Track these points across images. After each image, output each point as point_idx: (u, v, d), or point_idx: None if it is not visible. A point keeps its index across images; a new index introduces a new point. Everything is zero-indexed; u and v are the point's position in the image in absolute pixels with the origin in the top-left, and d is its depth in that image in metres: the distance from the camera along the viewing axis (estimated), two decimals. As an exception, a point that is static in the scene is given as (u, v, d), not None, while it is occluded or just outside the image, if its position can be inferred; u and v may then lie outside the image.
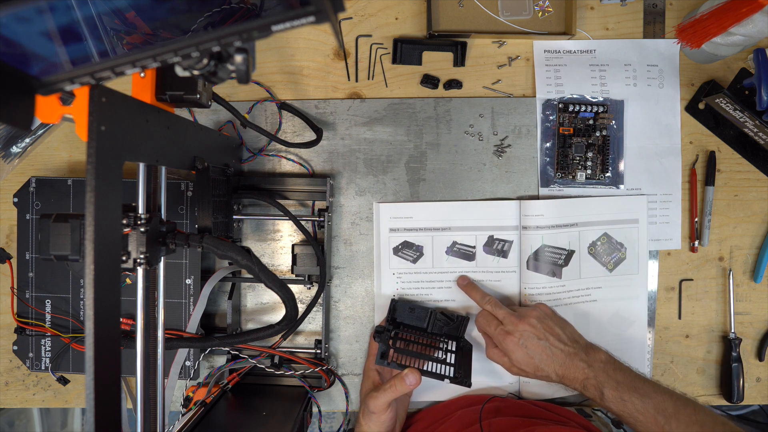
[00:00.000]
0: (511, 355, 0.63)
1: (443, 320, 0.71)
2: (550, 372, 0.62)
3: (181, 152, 0.51)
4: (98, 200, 0.34)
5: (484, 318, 0.67)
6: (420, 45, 0.73)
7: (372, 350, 0.71)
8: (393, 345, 0.65)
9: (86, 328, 0.34)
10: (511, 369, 0.64)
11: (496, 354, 0.65)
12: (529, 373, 0.63)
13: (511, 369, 0.64)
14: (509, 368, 0.64)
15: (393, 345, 0.65)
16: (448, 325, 0.71)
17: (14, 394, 0.75)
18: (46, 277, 0.70)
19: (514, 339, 0.63)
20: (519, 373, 0.64)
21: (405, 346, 0.66)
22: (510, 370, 0.64)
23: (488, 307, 0.67)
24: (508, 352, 0.63)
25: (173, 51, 0.29)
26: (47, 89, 0.29)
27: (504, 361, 0.64)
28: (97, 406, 0.34)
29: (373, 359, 0.66)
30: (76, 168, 0.75)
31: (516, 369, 0.63)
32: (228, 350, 0.71)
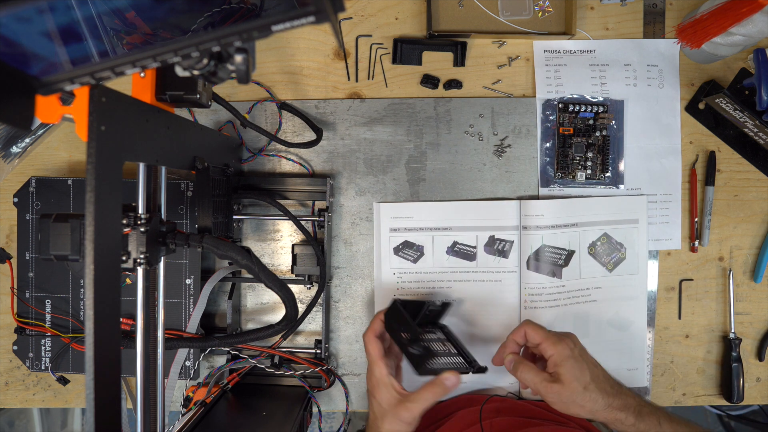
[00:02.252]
0: (565, 365, 0.55)
1: (435, 310, 0.67)
2: (599, 394, 0.55)
3: (181, 152, 0.51)
4: (98, 200, 0.34)
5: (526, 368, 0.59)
6: (420, 45, 0.73)
7: (370, 358, 0.62)
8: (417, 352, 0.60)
9: (86, 328, 0.34)
10: (561, 392, 0.55)
11: (545, 385, 0.56)
12: (577, 392, 0.55)
13: (560, 393, 0.55)
14: (558, 392, 0.56)
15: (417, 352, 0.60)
16: (435, 314, 0.67)
17: (14, 394, 0.75)
18: (46, 277, 0.70)
19: (569, 343, 0.57)
20: (568, 397, 0.55)
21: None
22: (559, 394, 0.56)
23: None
24: (563, 360, 0.56)
25: (173, 51, 0.29)
26: (47, 89, 0.29)
27: (553, 389, 0.56)
28: (97, 406, 0.34)
29: (374, 367, 0.59)
30: (76, 168, 0.75)
31: (567, 392, 0.55)
32: (228, 350, 0.71)
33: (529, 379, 0.57)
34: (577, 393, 0.55)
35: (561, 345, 0.56)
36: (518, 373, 0.58)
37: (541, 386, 0.56)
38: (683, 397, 0.76)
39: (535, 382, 0.56)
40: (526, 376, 0.57)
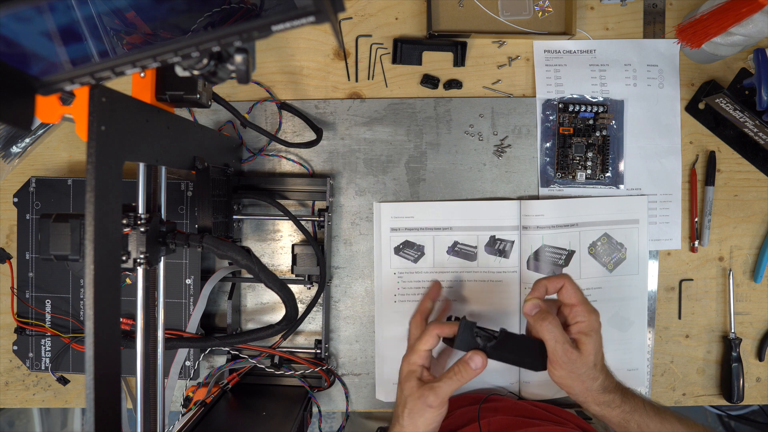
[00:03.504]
0: (591, 337, 0.54)
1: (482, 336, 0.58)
2: (602, 374, 0.55)
3: (181, 152, 0.51)
4: (98, 200, 0.34)
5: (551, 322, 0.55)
6: (420, 45, 0.73)
7: (413, 343, 0.60)
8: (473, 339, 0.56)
9: (86, 328, 0.34)
10: (579, 362, 0.54)
11: (566, 348, 0.54)
12: (588, 366, 0.54)
13: (582, 362, 0.54)
14: (574, 361, 0.54)
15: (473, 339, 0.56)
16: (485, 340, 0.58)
17: (14, 394, 0.75)
18: (46, 277, 0.70)
19: (598, 317, 0.56)
20: (580, 367, 0.54)
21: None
22: (577, 363, 0.54)
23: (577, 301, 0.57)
24: (591, 331, 0.55)
25: (173, 51, 0.29)
26: (47, 89, 0.29)
27: (571, 355, 0.54)
28: (97, 406, 0.34)
29: (413, 355, 0.58)
30: (76, 168, 0.75)
31: (585, 362, 0.54)
32: (228, 350, 0.71)
33: (552, 335, 0.53)
34: (588, 367, 0.54)
35: (594, 316, 0.55)
36: (542, 323, 0.54)
37: (560, 347, 0.53)
38: (683, 397, 0.76)
39: (556, 339, 0.53)
40: (550, 329, 0.53)
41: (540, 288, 0.57)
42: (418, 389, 0.55)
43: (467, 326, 0.56)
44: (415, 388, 0.55)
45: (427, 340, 0.58)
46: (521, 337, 0.55)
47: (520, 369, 0.72)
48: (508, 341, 0.55)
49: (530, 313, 0.55)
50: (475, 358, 0.54)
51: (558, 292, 0.57)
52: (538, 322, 0.54)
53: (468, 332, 0.56)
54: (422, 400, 0.54)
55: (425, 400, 0.54)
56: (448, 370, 0.55)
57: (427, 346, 0.58)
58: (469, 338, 0.56)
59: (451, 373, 0.54)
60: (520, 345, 0.55)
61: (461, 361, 0.54)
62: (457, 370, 0.54)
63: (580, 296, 0.56)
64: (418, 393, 0.55)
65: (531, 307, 0.56)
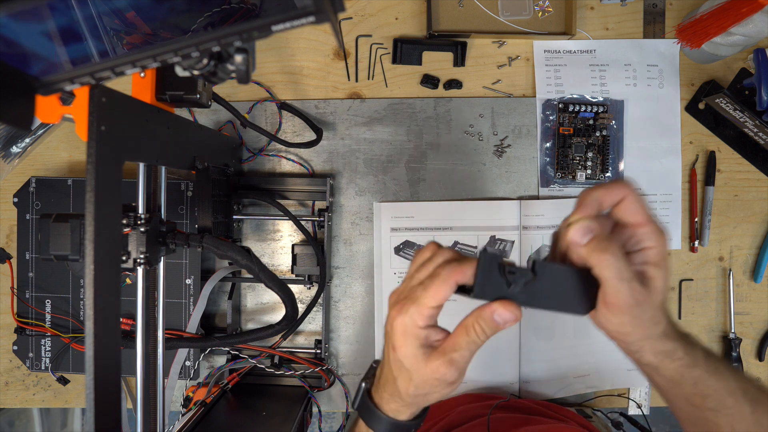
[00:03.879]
0: (660, 267, 0.38)
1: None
2: (665, 317, 0.40)
3: (181, 152, 0.51)
4: (98, 200, 0.34)
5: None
6: (420, 45, 0.73)
7: (416, 292, 0.40)
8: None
9: (86, 328, 0.34)
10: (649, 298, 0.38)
11: (631, 285, 0.37)
12: (655, 307, 0.39)
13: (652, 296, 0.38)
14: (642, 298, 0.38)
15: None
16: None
17: (14, 394, 0.75)
18: (46, 277, 0.70)
19: (667, 241, 0.40)
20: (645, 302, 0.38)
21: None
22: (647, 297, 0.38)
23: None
24: (662, 260, 0.39)
25: (173, 51, 0.29)
26: (47, 89, 0.29)
27: (638, 293, 0.37)
28: (97, 406, 0.34)
29: (415, 310, 0.39)
30: (76, 168, 0.75)
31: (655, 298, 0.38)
32: (228, 350, 0.71)
33: (616, 271, 0.36)
34: (655, 309, 0.38)
35: (664, 239, 0.39)
36: (601, 256, 0.36)
37: (626, 286, 0.36)
38: (683, 397, 0.76)
39: (621, 276, 0.36)
40: (613, 263, 0.36)
41: (591, 203, 0.39)
42: (426, 361, 0.39)
43: (490, 262, 0.37)
44: (421, 360, 0.39)
45: (438, 291, 0.38)
46: (559, 269, 0.38)
47: (520, 368, 0.73)
48: (544, 278, 0.38)
49: (580, 241, 0.37)
50: (501, 311, 0.37)
51: (614, 208, 0.39)
52: (595, 254, 0.36)
53: (492, 272, 0.38)
54: (439, 378, 0.39)
55: (443, 377, 0.39)
56: (462, 327, 0.39)
57: (438, 300, 0.38)
58: (494, 281, 0.38)
59: (470, 332, 0.39)
60: (558, 281, 0.39)
61: (481, 315, 0.38)
62: (478, 329, 0.38)
63: (647, 213, 0.39)
64: (429, 368, 0.39)
65: (582, 232, 0.37)
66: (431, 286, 0.38)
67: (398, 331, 0.40)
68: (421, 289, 0.39)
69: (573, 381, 0.73)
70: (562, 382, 0.73)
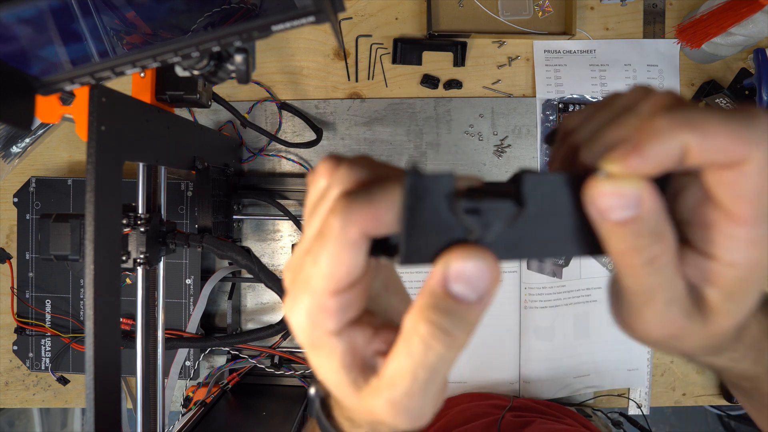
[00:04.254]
0: (734, 305, 0.21)
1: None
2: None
3: (181, 152, 0.51)
4: (98, 200, 0.34)
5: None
6: (420, 45, 0.73)
7: (305, 271, 0.20)
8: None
9: (86, 328, 0.34)
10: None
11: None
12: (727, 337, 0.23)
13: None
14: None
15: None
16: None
17: (14, 394, 0.75)
18: (46, 277, 0.70)
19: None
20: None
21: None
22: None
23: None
24: (744, 289, 0.20)
25: (173, 51, 0.29)
26: (47, 89, 0.29)
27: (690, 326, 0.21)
28: (97, 406, 0.34)
29: (313, 319, 0.20)
30: (76, 168, 0.75)
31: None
32: (228, 350, 0.71)
33: (659, 287, 0.20)
34: (715, 339, 0.22)
35: (759, 255, 0.19)
36: (648, 265, 0.19)
37: (667, 312, 0.21)
38: (683, 397, 0.76)
39: (665, 299, 0.20)
40: (657, 277, 0.20)
41: (663, 146, 0.18)
42: (358, 395, 0.21)
43: (427, 193, 0.18)
44: (351, 392, 0.21)
45: (334, 263, 0.19)
46: (563, 185, 0.20)
47: (521, 366, 0.72)
48: (537, 206, 0.20)
49: (611, 215, 0.19)
50: (460, 270, 0.18)
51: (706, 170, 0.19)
52: (630, 255, 0.19)
53: (432, 210, 0.19)
54: (387, 425, 0.22)
55: (392, 425, 0.21)
56: (401, 341, 0.19)
57: (339, 279, 0.19)
58: (438, 228, 0.19)
59: (414, 346, 0.19)
60: (559, 204, 0.20)
61: (426, 301, 0.19)
62: (427, 333, 0.18)
63: (759, 203, 0.18)
64: (364, 409, 0.21)
65: (621, 204, 0.19)
66: (321, 256, 0.19)
67: (302, 341, 0.21)
68: (311, 262, 0.20)
69: (573, 381, 0.73)
70: (562, 382, 0.73)
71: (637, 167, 0.18)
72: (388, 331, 0.21)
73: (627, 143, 0.18)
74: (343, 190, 0.20)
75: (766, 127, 0.17)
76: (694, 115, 0.18)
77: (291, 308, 0.21)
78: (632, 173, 0.18)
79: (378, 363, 0.21)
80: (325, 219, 0.19)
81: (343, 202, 0.19)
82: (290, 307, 0.21)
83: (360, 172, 0.20)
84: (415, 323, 0.19)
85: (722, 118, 0.17)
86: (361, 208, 0.19)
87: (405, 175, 0.18)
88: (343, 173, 0.20)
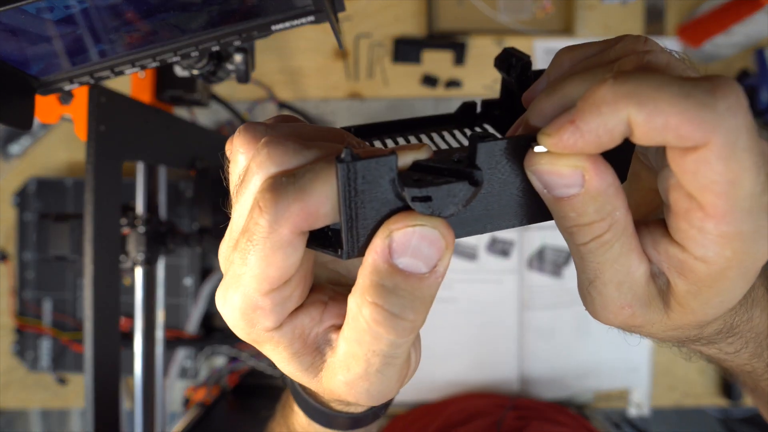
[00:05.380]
0: (701, 295, 0.18)
1: None
2: None
3: (180, 152, 0.51)
4: (97, 200, 0.34)
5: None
6: (420, 44, 0.73)
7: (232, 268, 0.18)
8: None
9: (85, 329, 0.34)
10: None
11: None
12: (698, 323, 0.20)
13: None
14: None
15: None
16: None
17: (14, 394, 0.75)
18: (46, 277, 0.69)
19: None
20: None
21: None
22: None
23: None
24: (716, 279, 0.17)
25: (173, 51, 0.29)
26: (46, 89, 0.29)
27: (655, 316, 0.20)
28: (97, 406, 0.34)
29: (248, 319, 0.18)
30: (75, 168, 0.75)
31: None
32: (228, 351, 0.71)
33: (614, 274, 0.18)
34: (685, 326, 0.20)
35: (740, 245, 0.16)
36: (601, 250, 0.18)
37: (608, 293, 0.19)
38: (683, 397, 0.76)
39: (620, 284, 0.18)
40: (612, 262, 0.18)
41: (606, 123, 0.16)
42: (316, 379, 0.20)
43: (365, 179, 0.16)
44: (309, 377, 0.20)
45: (264, 266, 0.17)
46: (508, 158, 0.18)
47: (520, 368, 0.72)
48: (495, 182, 0.18)
49: (555, 191, 0.17)
50: (405, 244, 0.16)
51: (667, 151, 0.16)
52: (579, 234, 0.18)
53: (373, 198, 0.16)
54: (350, 403, 0.24)
55: (356, 402, 0.20)
56: (348, 321, 0.18)
57: (271, 281, 0.17)
58: (381, 207, 0.17)
59: (361, 329, 0.17)
60: (515, 175, 0.18)
61: (366, 281, 0.16)
62: (371, 316, 0.16)
63: (734, 191, 0.15)
64: (326, 391, 0.20)
65: (565, 178, 0.17)
66: (249, 256, 0.17)
67: (243, 338, 0.19)
68: (239, 260, 0.17)
69: (573, 381, 0.73)
70: (562, 382, 0.73)
71: (573, 144, 0.16)
72: (338, 303, 0.20)
73: (565, 114, 0.16)
74: (266, 178, 0.17)
75: (728, 103, 0.15)
76: (644, 86, 0.15)
77: (222, 304, 0.18)
78: (571, 152, 0.16)
79: (332, 339, 0.19)
80: (250, 216, 0.17)
81: (268, 197, 0.16)
82: (222, 302, 0.18)
83: (285, 152, 0.17)
84: (359, 306, 0.16)
85: (677, 91, 0.15)
86: (290, 203, 0.16)
87: (336, 165, 0.15)
88: (264, 156, 0.17)
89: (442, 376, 0.71)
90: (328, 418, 0.25)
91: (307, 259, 0.18)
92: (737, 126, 0.15)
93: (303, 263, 0.18)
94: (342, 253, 0.17)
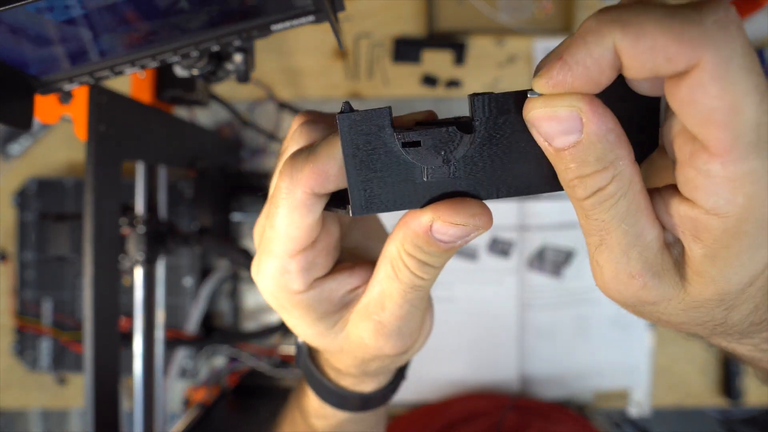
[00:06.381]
0: (716, 266, 0.17)
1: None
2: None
3: (180, 152, 0.51)
4: (97, 200, 0.34)
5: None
6: (420, 44, 0.73)
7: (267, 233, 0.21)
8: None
9: (85, 329, 0.34)
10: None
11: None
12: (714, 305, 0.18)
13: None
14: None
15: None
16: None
17: (14, 394, 0.75)
18: (46, 276, 0.69)
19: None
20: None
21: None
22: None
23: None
24: (725, 244, 0.16)
25: (173, 50, 0.29)
26: (46, 89, 0.29)
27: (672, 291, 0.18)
28: (97, 406, 0.34)
29: (277, 283, 0.21)
30: (75, 168, 0.75)
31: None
32: (228, 351, 0.71)
33: (616, 244, 0.17)
34: (704, 306, 0.18)
35: (746, 200, 0.15)
36: (600, 209, 0.17)
37: (616, 262, 0.18)
38: (684, 397, 0.76)
39: (619, 257, 0.18)
40: (612, 220, 0.17)
41: (593, 53, 0.15)
42: (338, 335, 0.23)
43: (361, 132, 0.17)
44: (330, 335, 0.23)
45: (287, 225, 0.20)
46: (507, 113, 0.19)
47: (520, 367, 0.72)
48: (499, 132, 0.18)
49: (552, 142, 0.17)
50: (443, 220, 0.18)
51: (671, 86, 0.15)
52: (580, 188, 0.17)
53: (373, 155, 0.18)
54: (374, 355, 0.24)
55: (379, 352, 0.23)
56: (385, 266, 0.21)
57: (295, 242, 0.20)
58: (384, 170, 0.18)
59: (401, 273, 0.20)
60: (511, 138, 0.18)
61: (408, 235, 0.19)
62: (413, 263, 0.20)
63: (732, 122, 0.14)
64: (350, 345, 0.23)
65: (560, 126, 0.16)
66: (274, 219, 0.20)
67: (271, 304, 0.22)
68: (269, 226, 0.20)
69: (573, 381, 0.73)
70: (562, 382, 0.73)
71: (563, 80, 0.15)
72: (363, 268, 0.22)
73: (553, 52, 0.16)
74: (294, 150, 0.20)
75: (716, 16, 0.13)
76: (629, 12, 0.14)
77: (256, 273, 0.22)
78: (563, 90, 0.15)
79: (359, 293, 0.22)
80: (274, 182, 0.20)
81: (286, 164, 0.19)
82: (255, 271, 0.22)
83: (309, 131, 0.21)
84: (399, 251, 0.20)
85: (662, 13, 0.14)
86: (303, 166, 0.19)
87: (336, 117, 0.17)
88: (298, 133, 0.21)
89: (443, 376, 0.71)
90: (340, 398, 0.27)
91: (331, 233, 0.21)
92: (729, 41, 0.13)
93: (325, 234, 0.21)
94: (350, 209, 0.18)
